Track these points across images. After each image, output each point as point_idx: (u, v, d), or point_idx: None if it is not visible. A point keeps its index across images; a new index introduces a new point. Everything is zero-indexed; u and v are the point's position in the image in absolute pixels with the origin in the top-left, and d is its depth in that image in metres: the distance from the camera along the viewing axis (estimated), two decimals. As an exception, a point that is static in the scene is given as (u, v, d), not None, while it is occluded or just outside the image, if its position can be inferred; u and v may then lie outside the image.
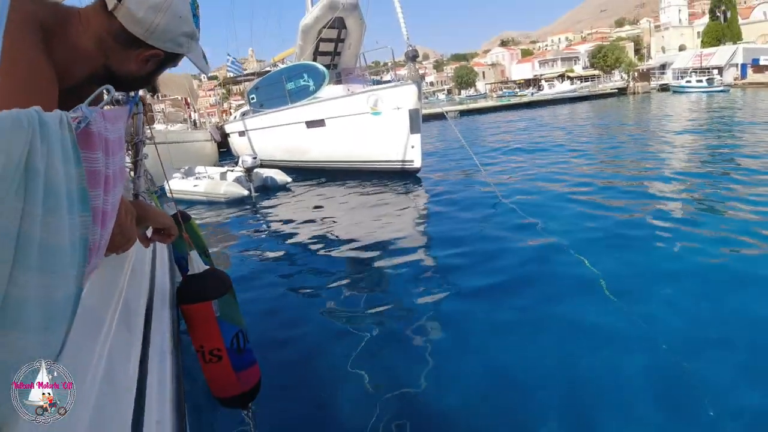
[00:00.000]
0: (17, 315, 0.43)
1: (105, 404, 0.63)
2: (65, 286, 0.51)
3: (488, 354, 2.54)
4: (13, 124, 0.43)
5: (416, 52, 8.14)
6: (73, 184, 0.54)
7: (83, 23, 0.92)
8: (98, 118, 0.70)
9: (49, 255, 0.48)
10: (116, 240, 0.87)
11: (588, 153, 10.00)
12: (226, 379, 1.22)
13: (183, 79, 14.39)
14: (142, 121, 1.76)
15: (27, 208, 0.44)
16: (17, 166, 0.43)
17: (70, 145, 0.55)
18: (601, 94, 43.77)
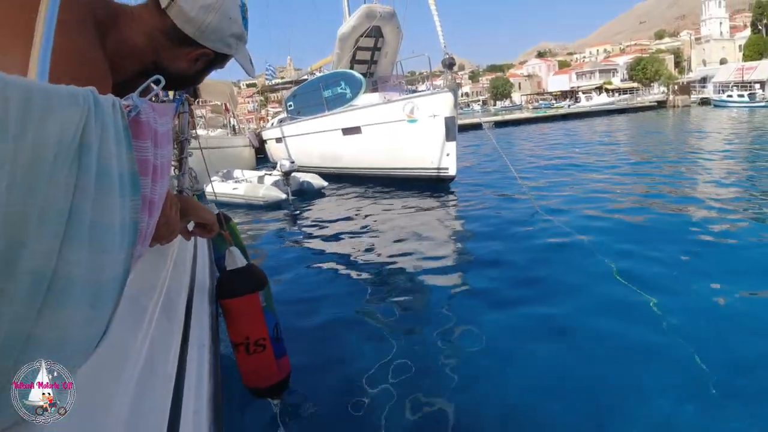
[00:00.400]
0: (65, 291, 0.43)
1: (145, 391, 0.63)
2: (113, 268, 0.51)
3: (520, 368, 2.45)
4: (69, 99, 0.43)
5: (453, 60, 8.11)
6: (124, 168, 0.54)
7: (136, 20, 0.94)
8: (148, 108, 0.71)
9: (100, 234, 0.47)
10: (161, 231, 0.89)
11: (626, 166, 9.67)
12: (268, 368, 1.28)
13: (224, 85, 14.77)
14: (187, 120, 1.81)
15: (80, 184, 0.44)
16: (72, 141, 0.43)
17: (122, 129, 0.55)
18: (639, 107, 42.56)
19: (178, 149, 1.85)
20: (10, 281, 0.37)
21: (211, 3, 0.93)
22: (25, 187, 0.37)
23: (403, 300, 3.50)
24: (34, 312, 0.40)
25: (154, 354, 0.73)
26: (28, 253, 0.39)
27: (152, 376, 0.69)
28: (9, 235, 0.37)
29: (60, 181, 0.42)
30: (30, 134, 0.37)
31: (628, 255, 3.91)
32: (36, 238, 0.39)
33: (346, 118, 10.55)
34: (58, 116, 0.41)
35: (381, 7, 11.71)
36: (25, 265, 0.39)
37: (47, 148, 0.40)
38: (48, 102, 0.40)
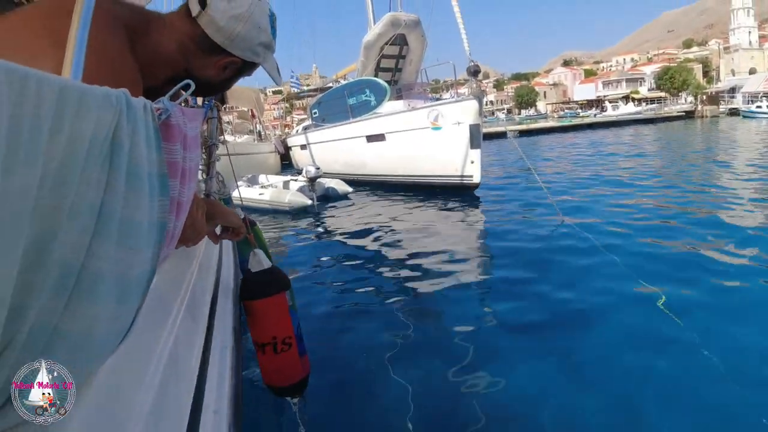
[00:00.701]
0: (92, 286, 0.44)
1: (167, 388, 0.64)
2: (141, 265, 0.52)
3: (538, 380, 2.39)
4: (103, 99, 0.45)
5: (478, 67, 8.07)
6: (154, 168, 0.56)
7: (167, 28, 0.96)
8: (178, 112, 0.72)
9: (129, 231, 0.49)
10: (187, 233, 0.91)
11: (653, 177, 9.42)
12: (293, 366, 1.31)
13: (250, 91, 15.04)
14: (216, 126, 1.85)
15: (111, 182, 0.45)
16: (105, 139, 0.45)
17: (153, 131, 0.57)
18: (667, 116, 41.64)
19: (207, 154, 1.89)
20: (39, 273, 0.38)
21: (241, 13, 0.94)
22: (57, 181, 0.39)
23: (424, 306, 3.49)
24: (61, 305, 0.41)
25: (178, 353, 0.74)
26: (58, 245, 0.40)
27: (175, 374, 0.70)
28: (40, 226, 0.37)
29: (92, 178, 0.43)
30: (64, 130, 0.39)
31: (659, 273, 3.79)
32: (66, 232, 0.40)
33: (370, 125, 10.60)
34: (92, 115, 0.42)
35: (406, 15, 11.77)
36: (55, 258, 0.40)
37: (80, 144, 0.41)
38: (82, 100, 0.41)
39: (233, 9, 0.94)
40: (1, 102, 0.31)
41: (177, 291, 0.91)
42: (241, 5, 0.95)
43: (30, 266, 0.37)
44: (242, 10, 0.95)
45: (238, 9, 0.94)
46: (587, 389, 2.28)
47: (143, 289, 0.55)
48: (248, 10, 0.95)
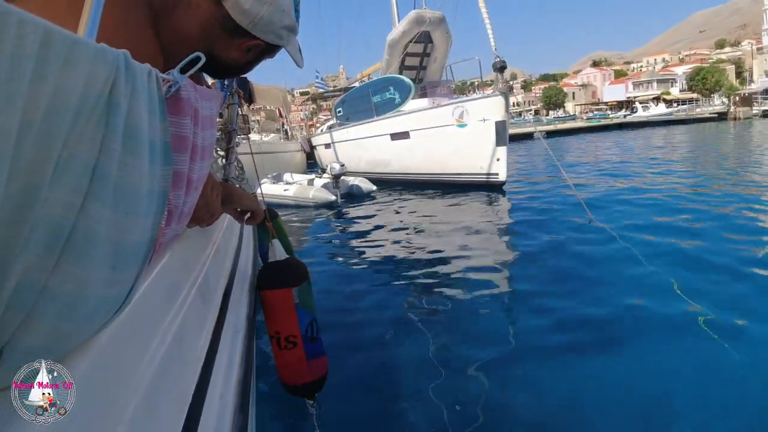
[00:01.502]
0: (85, 247, 0.42)
1: (170, 367, 0.62)
2: (138, 233, 0.50)
3: (564, 390, 2.29)
4: (95, 54, 0.43)
5: (504, 63, 7.94)
6: (156, 136, 0.54)
7: (192, 9, 0.96)
8: (189, 86, 0.71)
9: (125, 196, 0.47)
10: (201, 212, 0.90)
11: (685, 179, 9.09)
12: (298, 367, 1.24)
13: (277, 90, 15.22)
14: (236, 112, 1.86)
15: (106, 142, 0.44)
16: (98, 97, 0.43)
17: (157, 98, 0.55)
18: (699, 118, 40.54)
19: (226, 139, 1.89)
20: (23, 228, 0.37)
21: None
22: (43, 131, 0.37)
23: (445, 306, 3.43)
24: (50, 264, 0.40)
25: (184, 333, 0.72)
26: (45, 201, 0.38)
27: (179, 355, 0.68)
28: (24, 178, 0.36)
29: (85, 135, 0.41)
30: (49, 78, 0.37)
31: (688, 269, 3.65)
32: (54, 187, 0.39)
33: (394, 123, 10.58)
34: (84, 67, 0.41)
35: (430, 13, 11.71)
36: (42, 214, 0.38)
37: (69, 96, 0.39)
38: (72, 50, 0.39)
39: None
40: None
41: (189, 272, 0.89)
42: None
43: (13, 220, 0.36)
44: None
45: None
46: (610, 405, 2.17)
47: (141, 259, 0.53)
48: None
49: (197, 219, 0.91)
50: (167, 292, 0.74)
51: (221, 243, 1.25)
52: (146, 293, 0.62)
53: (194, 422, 0.62)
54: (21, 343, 0.39)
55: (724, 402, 2.08)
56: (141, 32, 0.85)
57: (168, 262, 0.77)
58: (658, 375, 2.30)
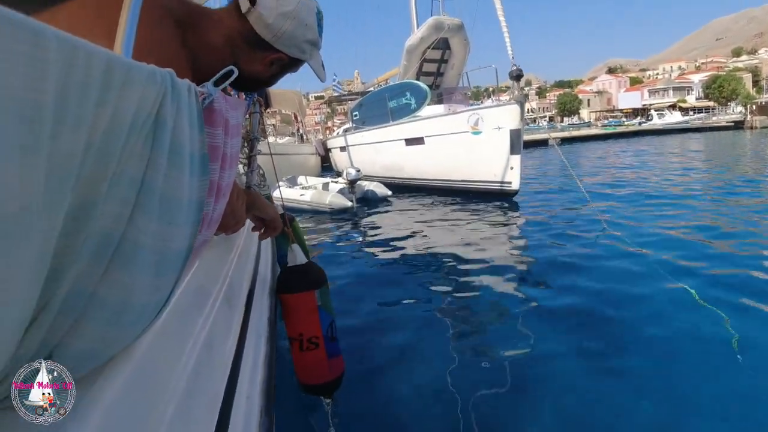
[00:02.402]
0: (132, 256, 0.45)
1: (202, 370, 0.65)
2: (179, 241, 0.53)
3: (573, 401, 2.27)
4: (148, 77, 0.45)
5: (521, 72, 7.92)
6: (195, 148, 0.56)
7: (217, 23, 0.99)
8: (221, 98, 0.73)
9: (169, 207, 0.50)
10: (227, 220, 0.92)
11: (701, 188, 8.97)
12: (319, 366, 1.27)
13: (293, 94, 15.34)
14: (257, 120, 1.89)
15: (153, 157, 0.46)
16: (149, 115, 0.46)
17: (196, 112, 0.58)
18: (715, 126, 40.10)
19: (248, 147, 1.93)
20: (78, 238, 0.39)
21: (289, 10, 0.96)
22: (101, 151, 0.39)
23: (459, 310, 3.44)
24: (99, 272, 0.42)
25: (214, 338, 0.75)
26: (99, 214, 0.41)
27: (210, 358, 0.71)
28: (82, 193, 0.38)
29: (135, 152, 0.44)
30: (110, 102, 0.40)
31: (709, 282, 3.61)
32: (107, 201, 0.41)
33: (409, 128, 10.60)
34: (137, 90, 0.43)
35: (449, 19, 11.72)
36: (95, 225, 0.40)
37: (124, 117, 0.42)
38: (128, 75, 0.42)
39: (282, 6, 0.96)
40: (51, 69, 0.32)
41: (216, 278, 0.92)
42: (290, 3, 0.96)
43: (70, 231, 0.38)
44: (290, 8, 0.96)
45: (286, 6, 0.96)
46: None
47: (180, 265, 0.55)
48: (296, 8, 0.97)
49: (224, 226, 0.93)
50: (198, 298, 0.76)
51: (243, 248, 1.28)
52: (179, 299, 0.65)
53: (225, 424, 0.65)
54: (70, 348, 0.42)
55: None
56: (170, 46, 0.88)
57: (197, 269, 0.80)
58: (678, 395, 2.28)
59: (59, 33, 0.33)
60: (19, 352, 0.36)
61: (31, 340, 0.38)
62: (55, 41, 0.33)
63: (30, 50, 0.31)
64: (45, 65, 0.32)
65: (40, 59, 0.32)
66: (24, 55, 0.30)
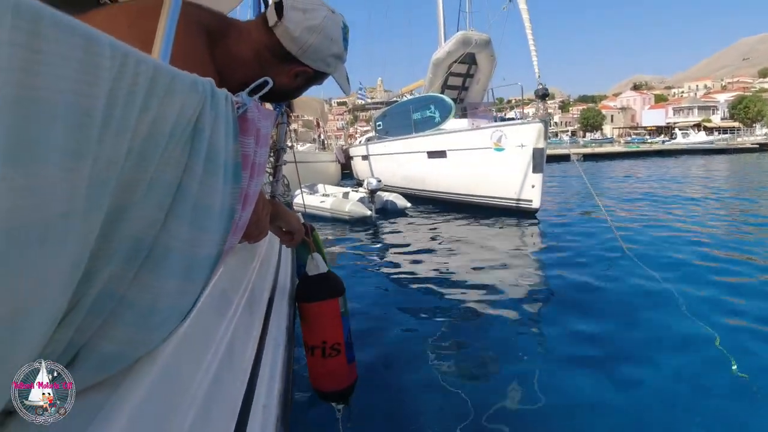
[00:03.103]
0: (162, 261, 0.46)
1: (222, 377, 0.65)
2: (208, 247, 0.54)
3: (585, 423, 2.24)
4: (190, 85, 0.46)
5: (546, 91, 7.90)
6: (230, 157, 0.58)
7: (245, 35, 1.01)
8: (254, 107, 0.75)
9: (202, 213, 0.51)
10: (251, 229, 0.93)
11: (728, 212, 8.72)
12: (341, 372, 1.30)
13: (316, 102, 15.52)
14: (285, 131, 1.91)
15: (189, 164, 0.47)
16: (188, 124, 0.47)
17: (232, 121, 0.59)
18: (739, 148, 39.35)
19: (275, 157, 1.95)
20: (112, 241, 0.40)
21: (315, 24, 0.98)
22: (140, 156, 0.40)
23: (474, 329, 3.40)
24: (130, 275, 0.43)
25: (234, 344, 0.75)
26: (133, 217, 0.41)
27: (230, 365, 0.71)
28: (120, 197, 0.39)
29: (172, 158, 0.45)
30: (153, 109, 0.40)
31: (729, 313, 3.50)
32: (142, 206, 0.42)
33: (432, 141, 10.61)
34: (179, 98, 0.44)
35: (477, 35, 11.77)
36: (129, 229, 0.41)
37: (164, 124, 0.43)
38: (172, 83, 0.43)
39: (308, 20, 0.97)
40: (103, 75, 0.33)
41: (239, 285, 0.93)
42: (316, 17, 0.98)
43: (105, 234, 0.39)
44: (316, 22, 0.98)
45: (312, 21, 0.98)
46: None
47: (208, 271, 0.56)
48: (322, 22, 0.99)
49: (248, 235, 0.94)
50: (221, 304, 0.77)
51: (264, 257, 1.30)
52: (203, 305, 0.66)
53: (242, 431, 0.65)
54: (97, 348, 0.42)
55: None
56: (202, 56, 0.90)
57: (221, 275, 0.81)
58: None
59: (112, 40, 0.34)
60: (46, 351, 0.37)
61: (59, 339, 0.38)
62: (108, 48, 0.33)
63: (84, 56, 0.31)
64: (97, 71, 0.32)
65: (93, 65, 0.32)
66: (78, 60, 0.31)
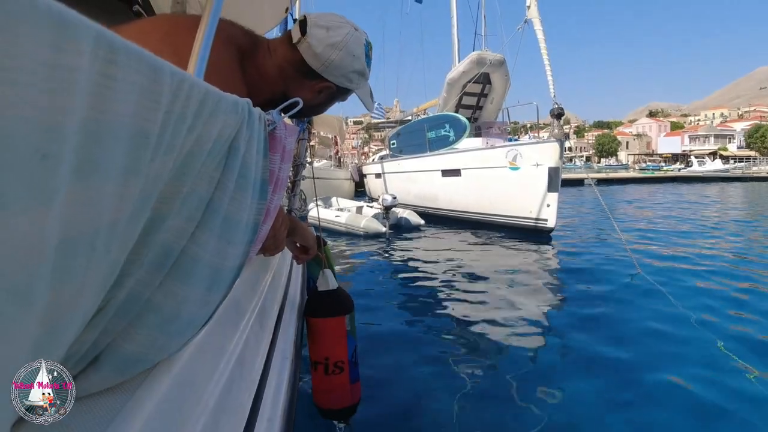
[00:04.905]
0: (189, 270, 0.47)
1: (232, 388, 0.67)
2: (233, 259, 0.56)
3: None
4: (232, 106, 0.49)
5: (562, 110, 7.89)
6: (258, 173, 0.60)
7: (271, 52, 1.05)
8: (282, 125, 0.78)
9: (230, 226, 0.53)
10: (268, 243, 0.95)
11: (744, 240, 8.58)
12: (342, 391, 1.28)
13: (335, 119, 15.71)
14: (305, 147, 1.95)
15: (222, 180, 0.50)
16: (225, 142, 0.49)
17: (263, 139, 0.62)
18: (755, 177, 38.91)
19: (293, 172, 1.98)
20: (144, 249, 0.42)
21: (337, 41, 1.00)
22: (180, 172, 0.43)
23: (483, 349, 3.36)
24: (157, 281, 0.45)
25: (245, 355, 0.77)
26: (166, 228, 0.43)
27: (240, 376, 0.73)
28: (157, 209, 0.41)
29: (207, 173, 0.47)
30: (198, 128, 0.43)
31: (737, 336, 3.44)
32: (175, 217, 0.44)
33: (446, 159, 10.64)
34: (221, 118, 0.47)
35: (492, 55, 11.86)
36: (160, 238, 0.43)
37: (206, 143, 0.45)
38: (217, 105, 0.46)
39: (331, 37, 1.00)
40: (161, 99, 0.35)
41: (252, 297, 0.95)
42: (339, 34, 1.01)
43: (139, 242, 0.41)
44: (339, 39, 1.01)
45: (335, 37, 1.01)
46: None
47: (230, 283, 0.58)
48: (344, 39, 1.01)
49: (265, 248, 0.95)
50: (234, 315, 0.79)
51: (277, 270, 1.32)
52: (218, 315, 0.67)
53: (247, 443, 0.66)
54: (119, 349, 0.44)
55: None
56: (233, 72, 0.94)
57: (235, 287, 0.83)
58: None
59: (172, 67, 0.36)
60: (71, 351, 0.38)
61: (84, 340, 0.40)
62: (169, 75, 0.36)
63: (148, 83, 0.33)
64: (158, 97, 0.35)
65: (156, 92, 0.34)
66: (143, 87, 0.33)
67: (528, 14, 8.70)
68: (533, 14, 8.63)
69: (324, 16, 1.04)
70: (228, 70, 0.91)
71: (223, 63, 0.90)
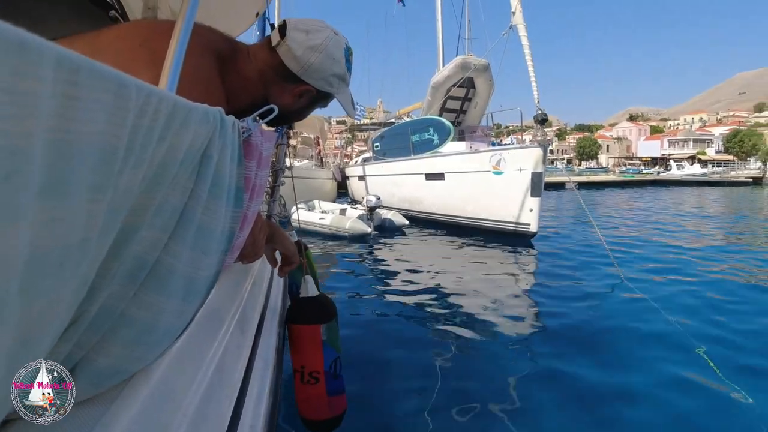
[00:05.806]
0: (165, 281, 0.47)
1: (211, 396, 0.66)
2: (207, 268, 0.56)
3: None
4: (203, 116, 0.49)
5: (545, 116, 8.01)
6: (233, 182, 0.60)
7: (251, 56, 1.04)
8: (258, 132, 0.77)
9: (203, 235, 0.53)
10: (247, 249, 0.94)
11: (719, 240, 8.80)
12: (318, 402, 1.24)
13: (316, 119, 15.67)
14: (284, 152, 1.94)
15: (196, 189, 0.50)
16: (197, 152, 0.49)
17: (237, 147, 0.62)
18: (733, 181, 40.18)
19: (272, 177, 1.97)
20: (116, 261, 0.41)
21: (317, 44, 1.01)
22: (152, 184, 0.42)
23: (466, 353, 3.39)
24: (130, 293, 0.44)
25: (225, 364, 0.76)
26: (139, 239, 0.43)
27: (220, 384, 0.72)
28: (128, 221, 0.41)
29: (179, 185, 0.47)
30: (168, 140, 0.42)
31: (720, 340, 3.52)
32: (148, 228, 0.44)
33: (430, 163, 10.70)
34: (192, 129, 0.47)
35: (476, 59, 11.97)
36: (133, 250, 0.43)
37: (177, 153, 0.45)
38: (187, 116, 0.45)
39: (310, 40, 1.01)
40: (129, 116, 0.35)
41: (231, 304, 0.94)
42: (318, 37, 1.02)
43: (110, 254, 0.40)
44: (318, 42, 1.01)
45: (314, 40, 1.01)
46: None
47: (206, 292, 0.58)
48: (324, 42, 1.02)
49: (243, 255, 0.94)
50: (213, 322, 0.78)
51: (257, 277, 1.31)
52: (196, 323, 0.67)
53: (227, 452, 0.66)
54: (93, 363, 0.44)
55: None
56: (212, 78, 0.93)
57: (214, 294, 0.82)
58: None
59: (138, 83, 0.36)
60: None
61: (57, 353, 0.39)
62: (135, 91, 0.35)
63: (113, 100, 0.33)
64: (125, 113, 0.34)
65: (122, 108, 0.34)
66: (108, 104, 0.33)
67: (513, 20, 8.77)
68: (518, 20, 8.71)
69: (304, 21, 1.05)
70: (206, 76, 0.91)
71: (202, 69, 0.89)
